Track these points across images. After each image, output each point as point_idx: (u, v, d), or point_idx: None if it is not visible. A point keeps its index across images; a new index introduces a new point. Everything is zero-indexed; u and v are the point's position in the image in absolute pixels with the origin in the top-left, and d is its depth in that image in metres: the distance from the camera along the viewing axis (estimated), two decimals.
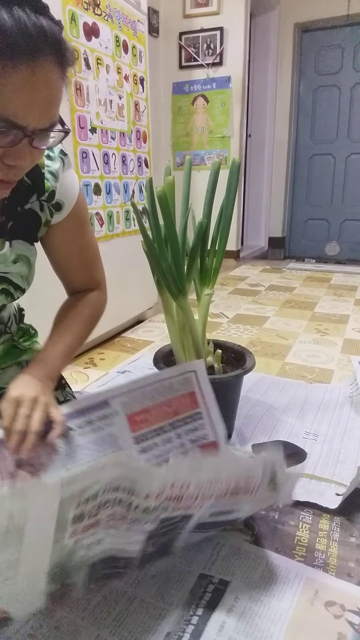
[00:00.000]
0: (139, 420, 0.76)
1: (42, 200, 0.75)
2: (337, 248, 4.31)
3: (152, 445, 0.76)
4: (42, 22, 0.51)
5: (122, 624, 0.61)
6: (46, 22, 0.52)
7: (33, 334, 0.94)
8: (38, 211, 0.75)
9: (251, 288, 2.80)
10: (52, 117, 0.57)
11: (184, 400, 0.80)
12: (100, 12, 1.52)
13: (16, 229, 0.74)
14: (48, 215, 0.77)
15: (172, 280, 0.96)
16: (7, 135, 0.54)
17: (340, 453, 1.02)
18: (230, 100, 3.37)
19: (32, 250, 0.78)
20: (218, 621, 0.62)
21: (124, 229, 1.78)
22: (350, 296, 2.58)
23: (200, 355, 1.04)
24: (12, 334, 0.88)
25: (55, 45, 0.53)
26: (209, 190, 1.02)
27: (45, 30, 0.51)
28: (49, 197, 0.75)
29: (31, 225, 0.76)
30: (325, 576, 0.69)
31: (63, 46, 0.55)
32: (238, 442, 1.06)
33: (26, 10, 0.50)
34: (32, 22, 0.50)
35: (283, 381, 1.42)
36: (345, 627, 0.61)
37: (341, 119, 4.04)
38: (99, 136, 1.58)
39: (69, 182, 0.78)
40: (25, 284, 0.79)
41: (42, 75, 0.52)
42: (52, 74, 0.54)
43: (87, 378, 1.45)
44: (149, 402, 0.77)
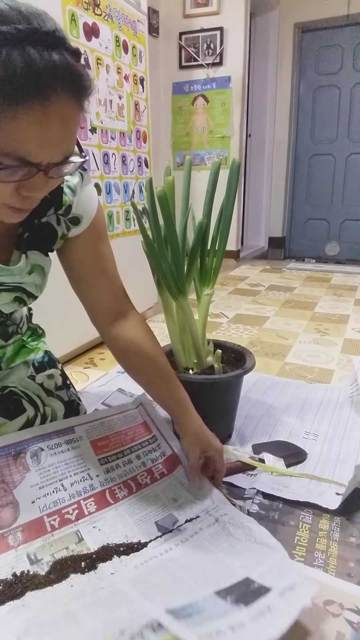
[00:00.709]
0: (101, 445, 0.86)
1: (59, 214, 0.75)
2: (337, 248, 4.31)
3: (115, 466, 0.84)
4: (54, 57, 0.50)
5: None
6: (58, 56, 0.50)
7: (41, 333, 0.95)
8: (55, 224, 0.75)
9: (251, 288, 2.80)
10: (66, 151, 0.56)
11: (138, 429, 0.92)
12: (100, 12, 1.52)
13: (32, 240, 0.75)
14: (65, 229, 0.77)
15: (172, 280, 0.96)
16: (21, 171, 0.54)
17: (340, 453, 1.02)
18: (230, 100, 3.37)
19: (46, 260, 0.79)
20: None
21: (124, 229, 1.78)
22: (350, 296, 2.58)
23: (200, 355, 1.04)
24: (22, 334, 0.89)
25: (68, 79, 0.52)
26: (209, 190, 1.02)
27: (56, 66, 0.50)
28: (65, 211, 0.75)
29: (47, 237, 0.76)
30: (324, 575, 0.69)
31: (78, 78, 0.53)
32: (238, 442, 1.06)
33: (38, 48, 0.49)
34: (44, 61, 0.49)
35: (283, 381, 1.42)
36: (344, 626, 0.61)
37: (341, 119, 4.04)
38: (99, 136, 1.58)
39: (88, 197, 0.78)
40: (38, 291, 0.80)
41: (55, 113, 0.51)
42: (67, 108, 0.53)
43: (87, 378, 1.45)
44: (108, 431, 0.89)
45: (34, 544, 0.70)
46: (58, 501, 0.76)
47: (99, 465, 0.83)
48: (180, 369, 1.05)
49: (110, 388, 1.34)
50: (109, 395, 1.29)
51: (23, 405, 0.84)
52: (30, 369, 0.89)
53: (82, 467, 0.82)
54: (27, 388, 0.86)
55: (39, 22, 0.50)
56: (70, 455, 0.82)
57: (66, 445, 0.83)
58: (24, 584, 0.64)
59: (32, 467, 0.78)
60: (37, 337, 0.92)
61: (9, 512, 0.72)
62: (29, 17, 0.50)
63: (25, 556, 0.68)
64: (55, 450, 0.82)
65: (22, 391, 0.85)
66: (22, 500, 0.74)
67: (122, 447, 0.88)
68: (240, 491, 0.88)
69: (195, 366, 1.05)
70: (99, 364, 1.58)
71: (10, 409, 0.82)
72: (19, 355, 0.88)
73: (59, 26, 0.53)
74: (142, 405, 0.97)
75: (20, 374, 0.86)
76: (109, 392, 1.31)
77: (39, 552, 0.69)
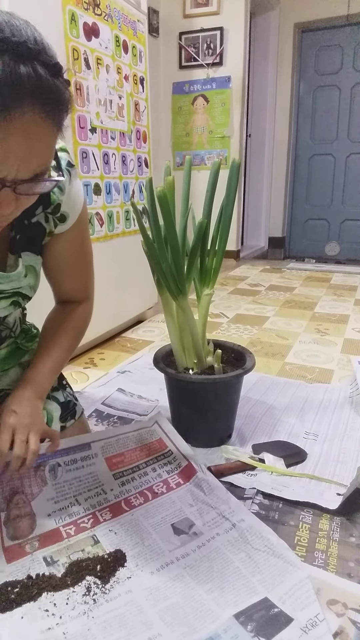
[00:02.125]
0: (116, 462, 0.87)
1: (47, 212, 0.75)
2: (337, 248, 4.31)
3: (131, 479, 0.85)
4: (21, 70, 0.47)
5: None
6: (27, 69, 0.48)
7: (35, 333, 0.94)
8: (43, 222, 0.76)
9: (251, 288, 2.80)
10: (36, 168, 0.54)
11: (153, 445, 0.93)
12: (100, 12, 1.52)
13: (24, 241, 0.75)
14: (52, 227, 0.77)
15: (172, 280, 0.95)
16: None
17: (340, 453, 1.02)
18: (230, 100, 3.36)
19: (38, 260, 0.79)
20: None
21: (124, 229, 1.78)
22: (350, 296, 2.58)
23: (200, 355, 1.04)
24: (15, 337, 0.88)
25: (36, 93, 0.49)
26: (209, 190, 1.02)
27: (22, 79, 0.47)
28: (54, 210, 0.75)
29: (37, 236, 0.76)
30: (328, 575, 0.69)
31: (49, 93, 0.50)
32: (238, 442, 1.06)
33: (4, 58, 0.47)
34: (9, 72, 0.47)
35: (283, 381, 1.42)
36: (348, 625, 0.61)
37: (341, 119, 4.04)
38: (99, 136, 1.58)
39: (75, 193, 0.77)
40: (32, 292, 0.80)
41: (18, 128, 0.49)
42: (34, 124, 0.50)
43: (87, 378, 1.45)
44: (122, 448, 0.90)
45: (51, 548, 0.71)
46: (73, 514, 0.77)
47: (113, 480, 0.84)
48: (180, 369, 1.05)
49: (110, 388, 1.34)
50: (109, 395, 1.29)
51: None
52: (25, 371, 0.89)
53: (96, 483, 0.83)
54: None
55: (13, 32, 0.48)
56: (85, 472, 0.83)
57: (81, 462, 0.84)
58: (39, 585, 0.64)
59: (49, 481, 0.80)
60: (31, 338, 0.92)
61: (27, 523, 0.73)
62: (1, 26, 0.48)
63: (41, 558, 0.69)
64: (70, 466, 0.83)
65: None
66: (38, 512, 0.75)
67: (137, 462, 0.88)
68: (240, 491, 0.88)
69: (195, 366, 1.05)
70: (99, 364, 1.58)
71: None
72: (12, 357, 0.87)
73: (41, 38, 0.51)
74: (158, 423, 0.98)
75: (15, 376, 0.86)
76: (109, 392, 1.31)
77: (55, 555, 0.70)
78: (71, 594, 0.63)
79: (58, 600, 0.62)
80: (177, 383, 1.04)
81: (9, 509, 0.74)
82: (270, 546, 0.71)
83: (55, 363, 0.82)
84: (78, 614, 0.60)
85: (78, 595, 0.63)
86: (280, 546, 0.72)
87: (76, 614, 0.60)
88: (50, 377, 0.81)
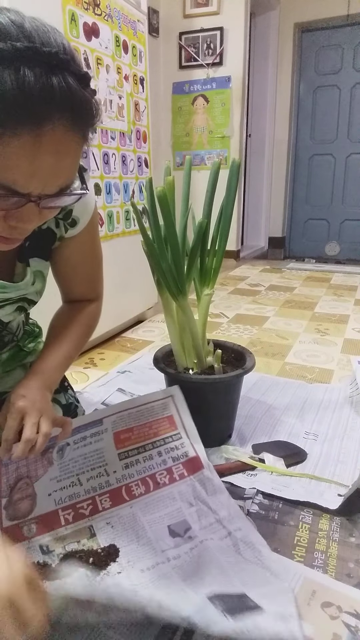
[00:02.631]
0: (123, 438, 0.85)
1: (58, 218, 0.74)
2: (337, 248, 4.31)
3: (135, 461, 0.84)
4: (52, 82, 0.45)
5: None
6: (58, 80, 0.45)
7: (38, 333, 0.94)
8: (54, 228, 0.75)
9: (251, 288, 2.80)
10: (61, 184, 0.52)
11: (163, 423, 0.90)
12: (100, 12, 1.52)
13: (33, 247, 0.74)
14: (63, 232, 0.76)
15: (172, 280, 0.95)
16: (8, 200, 0.50)
17: (340, 453, 1.02)
18: (230, 100, 3.36)
19: (46, 265, 0.78)
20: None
21: (124, 229, 1.78)
22: (350, 296, 2.58)
23: (200, 355, 1.04)
24: (18, 340, 0.88)
25: (68, 107, 0.47)
26: (209, 190, 1.02)
27: (54, 91, 0.45)
28: (65, 216, 0.74)
29: (47, 242, 0.76)
30: (324, 577, 0.69)
31: (80, 106, 0.49)
32: (238, 442, 1.06)
33: (35, 70, 0.44)
34: (41, 84, 0.44)
35: (283, 381, 1.42)
36: (341, 628, 0.61)
37: (341, 119, 4.04)
38: (99, 136, 1.58)
39: (87, 197, 0.75)
40: (38, 297, 0.80)
41: (48, 142, 0.47)
42: (64, 139, 0.48)
43: (87, 378, 1.45)
44: (133, 422, 0.88)
45: (47, 536, 0.71)
46: (73, 495, 0.76)
47: (117, 461, 0.82)
48: (180, 369, 1.05)
49: (110, 388, 1.34)
50: (109, 395, 1.29)
51: None
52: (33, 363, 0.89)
53: (100, 461, 0.81)
54: None
55: (43, 41, 0.45)
56: (91, 448, 0.82)
57: (90, 438, 0.83)
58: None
59: (56, 461, 0.79)
60: (34, 338, 0.92)
61: (27, 504, 0.74)
62: (31, 34, 0.45)
63: (37, 547, 0.69)
64: (79, 444, 0.82)
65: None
66: (40, 492, 0.75)
67: (144, 442, 0.86)
68: (240, 491, 0.88)
69: (195, 366, 1.05)
70: (99, 364, 1.58)
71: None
72: (14, 359, 0.87)
73: (69, 46, 0.48)
74: (173, 398, 0.93)
75: (17, 377, 0.86)
76: (109, 392, 1.31)
77: (51, 544, 0.70)
78: (63, 585, 0.63)
79: (51, 589, 0.62)
80: (177, 383, 1.04)
81: (12, 494, 0.74)
82: (261, 558, 0.71)
83: (64, 357, 0.80)
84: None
85: (68, 585, 0.63)
86: (270, 559, 0.71)
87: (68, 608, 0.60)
88: (59, 370, 0.79)
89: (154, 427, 0.89)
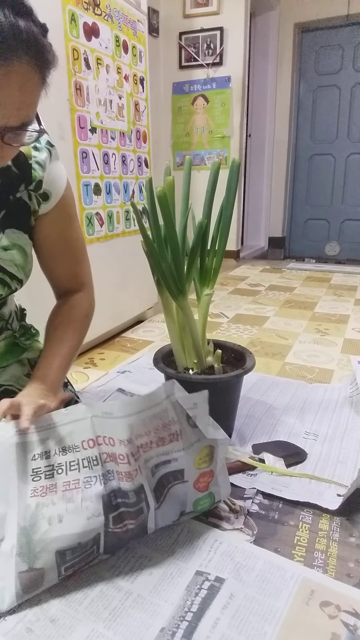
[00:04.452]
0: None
1: (30, 189, 0.76)
2: (337, 248, 4.31)
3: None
4: (19, 23, 0.51)
5: (117, 619, 0.62)
6: (25, 24, 0.52)
7: (34, 333, 0.94)
8: (27, 200, 0.77)
9: (251, 288, 2.80)
10: (24, 117, 0.57)
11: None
12: (100, 12, 1.52)
13: (9, 218, 0.76)
14: (36, 205, 0.78)
15: (172, 280, 0.95)
16: None
17: (340, 453, 1.02)
18: (230, 100, 3.37)
19: (26, 239, 0.79)
20: (212, 618, 0.62)
21: (124, 229, 1.78)
22: (350, 296, 2.58)
23: (200, 355, 1.04)
24: (13, 331, 0.88)
25: (33, 47, 0.53)
26: (208, 190, 1.02)
27: (21, 31, 0.52)
28: (36, 187, 0.77)
29: (22, 214, 0.77)
30: (322, 577, 0.69)
31: (42, 49, 0.55)
32: (238, 442, 1.06)
33: (5, 11, 0.50)
34: (9, 23, 0.50)
35: (283, 381, 1.42)
36: (340, 628, 0.61)
37: (341, 119, 4.04)
38: (99, 136, 1.58)
39: (56, 173, 0.79)
40: (22, 274, 0.79)
41: (15, 76, 0.53)
42: (28, 76, 0.54)
43: (87, 378, 1.45)
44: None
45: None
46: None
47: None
48: (180, 369, 1.05)
49: (110, 388, 1.34)
50: (109, 395, 1.29)
51: None
52: (26, 368, 0.89)
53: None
54: (23, 386, 0.85)
55: None
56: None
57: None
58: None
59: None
60: (31, 336, 0.92)
61: None
62: None
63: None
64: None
65: (18, 389, 0.84)
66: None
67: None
68: (240, 491, 0.88)
69: (195, 366, 1.05)
70: (99, 364, 1.58)
71: None
72: (11, 353, 0.87)
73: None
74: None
75: (15, 372, 0.86)
76: (109, 392, 1.31)
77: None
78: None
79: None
80: None
81: None
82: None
83: (64, 359, 0.80)
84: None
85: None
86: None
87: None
88: (61, 373, 0.79)
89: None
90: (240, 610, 0.63)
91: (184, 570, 0.70)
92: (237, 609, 0.63)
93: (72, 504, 0.63)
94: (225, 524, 0.80)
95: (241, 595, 0.66)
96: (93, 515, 0.64)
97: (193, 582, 0.67)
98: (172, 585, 0.67)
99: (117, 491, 0.66)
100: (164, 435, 0.69)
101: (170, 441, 0.70)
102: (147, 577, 0.69)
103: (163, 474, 0.71)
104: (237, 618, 0.62)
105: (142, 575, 0.69)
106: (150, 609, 0.64)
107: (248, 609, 0.63)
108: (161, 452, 0.70)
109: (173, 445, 0.70)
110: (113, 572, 0.69)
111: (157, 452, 0.70)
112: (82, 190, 1.52)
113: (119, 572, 0.69)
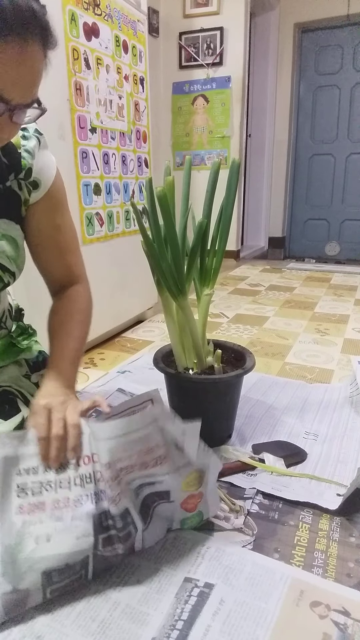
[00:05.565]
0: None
1: (19, 178, 0.76)
2: (337, 248, 4.31)
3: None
4: (32, 4, 0.55)
5: (106, 631, 0.60)
6: (36, 5, 0.56)
7: (32, 333, 0.94)
8: (17, 190, 0.77)
9: (251, 288, 2.80)
10: (34, 95, 0.60)
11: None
12: (100, 12, 1.52)
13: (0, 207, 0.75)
14: (26, 194, 0.78)
15: (172, 280, 0.95)
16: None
17: (340, 453, 1.02)
18: (230, 100, 3.36)
19: (17, 231, 0.78)
20: (203, 625, 0.61)
21: (124, 229, 1.78)
22: (350, 296, 2.58)
23: (200, 355, 1.04)
24: (8, 330, 0.87)
25: (42, 27, 0.57)
26: (208, 190, 1.02)
27: (35, 12, 0.55)
28: (26, 175, 0.77)
29: (13, 204, 0.77)
30: (311, 576, 0.69)
31: (49, 29, 0.58)
32: (238, 442, 1.06)
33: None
34: (25, 3, 0.53)
35: (283, 381, 1.42)
36: (331, 627, 0.61)
37: (341, 119, 4.04)
38: (99, 136, 1.58)
39: (46, 161, 0.80)
40: (14, 266, 0.78)
41: (29, 53, 0.55)
42: (38, 54, 0.57)
43: (87, 378, 1.45)
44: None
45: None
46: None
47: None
48: (180, 369, 1.05)
49: (110, 388, 1.34)
50: (109, 395, 1.29)
51: (18, 405, 0.83)
52: (24, 368, 0.89)
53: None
54: (21, 387, 0.85)
55: None
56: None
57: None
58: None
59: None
60: (28, 336, 0.91)
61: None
62: None
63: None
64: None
65: (17, 390, 0.84)
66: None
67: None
68: (240, 491, 0.88)
69: (195, 366, 1.05)
70: (99, 364, 1.58)
71: (5, 408, 0.80)
72: (8, 354, 0.86)
73: None
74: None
75: (13, 373, 0.85)
76: (109, 392, 1.31)
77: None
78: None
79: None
80: (177, 383, 1.04)
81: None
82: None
83: (74, 354, 0.79)
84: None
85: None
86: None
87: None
88: (73, 368, 0.78)
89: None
90: (231, 615, 0.62)
91: (172, 578, 0.68)
92: (228, 614, 0.63)
93: (61, 523, 0.61)
94: (225, 524, 0.80)
95: (231, 600, 0.65)
96: (83, 535, 0.62)
97: (182, 590, 0.66)
98: (161, 593, 0.66)
99: (107, 513, 0.64)
100: (147, 459, 0.66)
101: (153, 466, 0.66)
102: (135, 585, 0.67)
103: (147, 494, 0.69)
104: (228, 624, 0.61)
105: (129, 584, 0.67)
106: (139, 618, 0.62)
107: (239, 614, 0.63)
108: (145, 475, 0.67)
109: (157, 469, 0.67)
110: (99, 582, 0.67)
111: (141, 475, 0.66)
112: (82, 190, 1.52)
113: (105, 580, 0.67)
